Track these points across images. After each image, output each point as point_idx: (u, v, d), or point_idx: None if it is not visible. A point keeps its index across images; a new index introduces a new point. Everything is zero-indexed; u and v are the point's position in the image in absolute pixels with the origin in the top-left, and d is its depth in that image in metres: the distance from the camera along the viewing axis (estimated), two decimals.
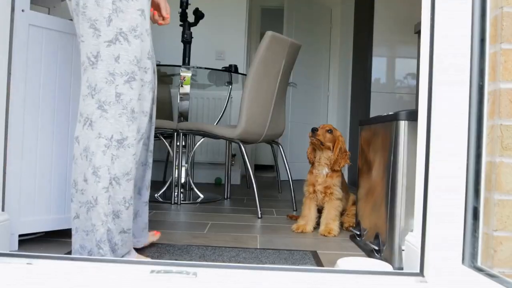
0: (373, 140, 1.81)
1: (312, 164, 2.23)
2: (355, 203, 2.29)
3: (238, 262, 1.53)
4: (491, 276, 0.94)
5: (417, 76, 3.61)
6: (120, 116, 1.27)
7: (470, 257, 1.04)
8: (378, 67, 4.29)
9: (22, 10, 1.55)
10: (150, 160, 1.49)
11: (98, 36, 1.27)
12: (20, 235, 1.60)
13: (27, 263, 1.14)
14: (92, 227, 1.30)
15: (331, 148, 2.18)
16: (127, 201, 1.32)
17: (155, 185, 3.85)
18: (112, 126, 1.27)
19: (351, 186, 4.63)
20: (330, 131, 2.16)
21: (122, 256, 1.35)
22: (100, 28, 1.26)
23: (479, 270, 1.00)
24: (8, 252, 1.44)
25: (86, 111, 1.28)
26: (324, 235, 2.06)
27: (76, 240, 1.34)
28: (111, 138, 1.27)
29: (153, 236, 1.67)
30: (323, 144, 2.14)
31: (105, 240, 1.30)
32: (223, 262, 1.53)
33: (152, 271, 1.09)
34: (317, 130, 2.13)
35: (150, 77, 1.33)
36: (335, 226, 2.11)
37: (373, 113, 4.17)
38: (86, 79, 1.29)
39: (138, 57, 1.29)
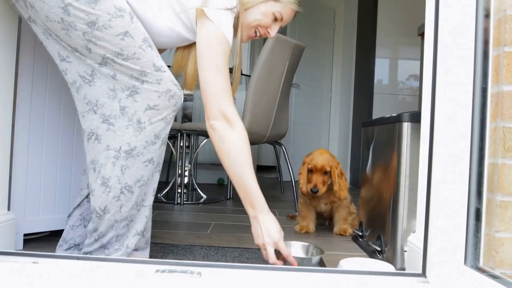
0: (376, 142, 1.82)
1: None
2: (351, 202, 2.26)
3: (242, 262, 1.54)
4: (493, 277, 0.95)
5: (420, 78, 3.61)
6: (127, 128, 1.29)
7: (472, 258, 1.04)
8: (381, 68, 4.30)
9: None
10: None
11: (86, 59, 1.28)
12: (25, 235, 1.61)
13: (33, 262, 1.15)
14: (94, 234, 1.34)
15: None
16: (139, 204, 1.35)
17: (158, 186, 3.86)
18: (120, 138, 1.29)
19: (352, 187, 4.64)
20: (326, 173, 2.04)
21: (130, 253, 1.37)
22: (84, 53, 1.27)
23: (481, 271, 1.00)
24: (14, 251, 1.46)
25: (90, 126, 1.30)
26: (340, 234, 2.11)
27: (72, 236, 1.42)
28: (120, 150, 1.29)
29: None
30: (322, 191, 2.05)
31: (113, 242, 1.33)
32: (227, 262, 1.54)
33: (157, 270, 1.10)
34: (317, 191, 2.01)
35: (165, 86, 1.32)
36: (347, 226, 2.14)
37: (375, 115, 4.18)
38: (83, 96, 1.30)
39: (135, 75, 1.28)
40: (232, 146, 1.34)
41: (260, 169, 5.63)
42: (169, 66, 1.40)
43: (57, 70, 1.66)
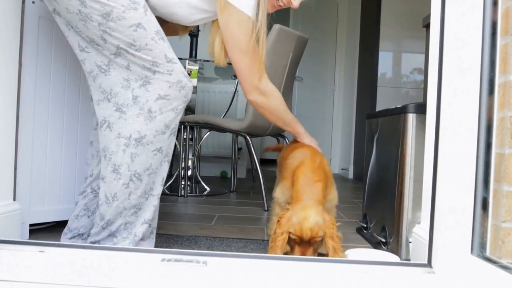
0: (381, 133, 1.82)
1: None
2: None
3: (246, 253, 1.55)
4: (502, 266, 0.95)
5: (425, 70, 3.59)
6: (138, 117, 1.32)
7: (479, 247, 1.04)
8: (385, 61, 4.28)
9: (33, 2, 1.56)
10: None
11: (102, 50, 1.31)
12: (30, 225, 1.62)
13: (40, 251, 1.16)
14: (101, 223, 1.35)
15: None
16: (147, 192, 1.37)
17: None
18: (130, 126, 1.32)
19: (356, 180, 4.64)
20: (321, 239, 1.33)
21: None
22: (100, 44, 1.31)
23: (488, 260, 1.00)
24: (20, 240, 1.46)
25: (103, 114, 1.33)
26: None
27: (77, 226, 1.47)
28: (130, 137, 1.31)
29: None
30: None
31: (121, 230, 1.34)
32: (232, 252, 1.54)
33: (163, 260, 1.11)
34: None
35: (176, 77, 1.34)
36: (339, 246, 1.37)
37: (379, 108, 4.16)
38: (98, 85, 1.33)
39: (147, 65, 1.31)
40: (269, 107, 1.58)
41: (263, 163, 5.63)
42: (180, 59, 1.42)
43: (65, 60, 1.67)
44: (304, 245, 1.33)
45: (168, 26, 1.50)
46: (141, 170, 1.33)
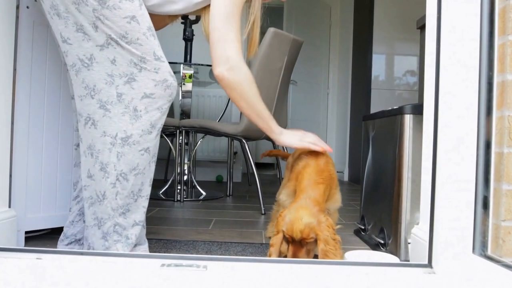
0: (377, 135, 1.82)
1: None
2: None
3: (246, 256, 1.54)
4: (504, 265, 0.95)
5: (420, 71, 3.61)
6: (123, 115, 1.30)
7: (481, 246, 1.04)
8: (378, 64, 4.30)
9: (27, 7, 1.55)
10: None
11: (89, 40, 1.28)
12: (26, 232, 1.60)
13: (37, 258, 1.14)
14: (95, 222, 1.32)
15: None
16: (135, 194, 1.34)
17: (157, 183, 3.85)
18: (116, 125, 1.29)
19: (351, 182, 4.65)
20: (314, 241, 1.32)
21: (134, 247, 1.36)
22: (88, 33, 1.28)
23: (490, 259, 1.00)
24: (17, 247, 1.45)
25: (87, 110, 1.31)
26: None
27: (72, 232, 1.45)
28: (116, 136, 1.29)
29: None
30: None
31: (111, 233, 1.32)
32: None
33: (163, 265, 1.10)
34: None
35: (162, 76, 1.33)
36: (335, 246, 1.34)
37: (373, 110, 4.18)
38: (81, 80, 1.30)
39: (135, 60, 1.29)
40: (238, 86, 1.42)
41: (259, 167, 5.63)
42: (174, 63, 1.40)
43: (60, 66, 1.65)
44: (296, 245, 1.32)
45: (156, 19, 1.47)
46: (127, 170, 1.31)
